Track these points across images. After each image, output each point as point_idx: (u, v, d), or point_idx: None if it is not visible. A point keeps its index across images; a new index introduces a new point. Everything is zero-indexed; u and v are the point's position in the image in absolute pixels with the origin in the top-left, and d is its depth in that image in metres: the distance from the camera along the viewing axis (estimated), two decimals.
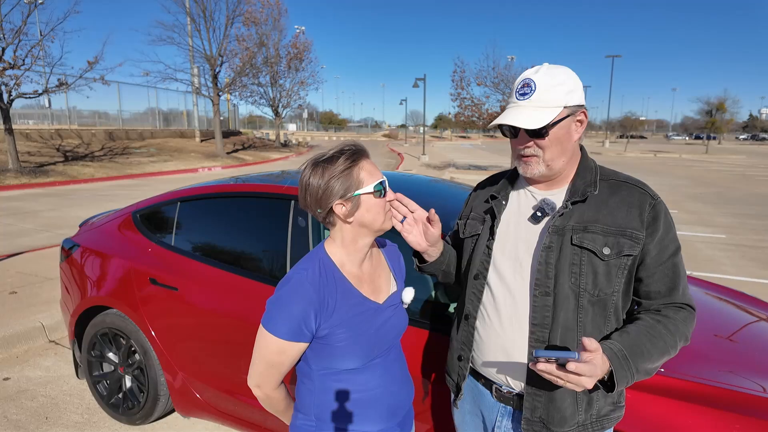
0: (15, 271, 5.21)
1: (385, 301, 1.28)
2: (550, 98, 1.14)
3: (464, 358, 1.36)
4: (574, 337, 1.17)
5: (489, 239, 1.31)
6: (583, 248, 1.16)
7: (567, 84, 1.15)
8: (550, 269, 1.18)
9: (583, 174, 1.24)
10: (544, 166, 1.19)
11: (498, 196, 1.34)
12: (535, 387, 1.21)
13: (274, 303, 1.15)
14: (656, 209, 1.17)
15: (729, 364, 1.70)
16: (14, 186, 12.69)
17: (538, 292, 1.19)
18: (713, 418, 1.37)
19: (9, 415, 2.84)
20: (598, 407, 1.22)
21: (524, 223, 1.26)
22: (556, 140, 1.17)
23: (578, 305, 1.17)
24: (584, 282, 1.16)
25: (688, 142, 68.82)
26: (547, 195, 1.26)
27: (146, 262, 2.56)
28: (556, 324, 1.17)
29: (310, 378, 1.24)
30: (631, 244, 1.15)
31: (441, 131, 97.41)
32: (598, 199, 1.20)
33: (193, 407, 2.52)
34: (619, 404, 1.27)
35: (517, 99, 1.18)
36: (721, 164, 25.76)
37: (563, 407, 1.19)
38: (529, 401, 1.22)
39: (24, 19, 13.14)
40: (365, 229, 1.20)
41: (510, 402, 1.28)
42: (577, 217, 1.19)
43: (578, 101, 1.17)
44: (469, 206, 1.47)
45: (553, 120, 1.13)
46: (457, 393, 1.41)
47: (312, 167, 1.16)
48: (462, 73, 17.62)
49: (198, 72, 23.62)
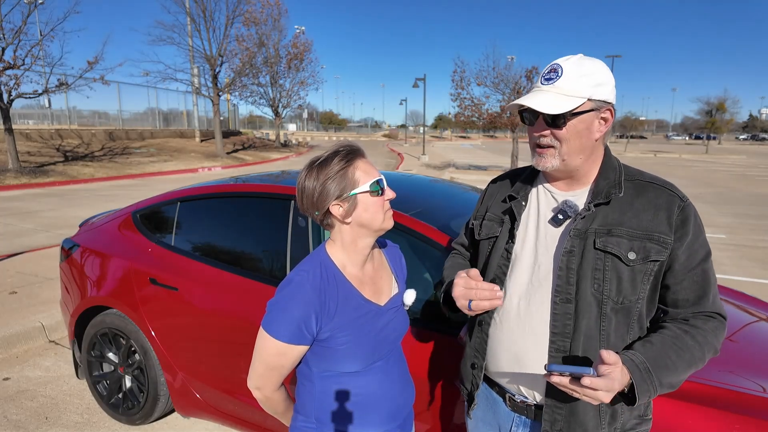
0: (15, 271, 5.21)
1: (386, 304, 1.27)
2: (574, 87, 1.08)
3: (477, 366, 1.30)
4: (597, 346, 1.10)
5: (508, 242, 1.24)
6: (607, 253, 1.09)
7: (595, 76, 1.09)
8: (571, 275, 1.11)
9: (607, 174, 1.17)
10: (559, 159, 1.13)
11: (517, 196, 1.27)
12: (555, 399, 1.14)
13: (274, 305, 1.15)
14: (685, 212, 1.10)
15: (729, 364, 1.70)
16: (14, 186, 12.69)
17: (558, 299, 1.13)
18: (713, 418, 1.37)
19: (9, 415, 2.84)
20: (623, 421, 1.15)
21: (544, 226, 1.20)
22: (575, 133, 1.10)
23: (601, 313, 1.10)
24: (608, 288, 1.09)
25: (688, 142, 68.85)
26: (569, 196, 1.19)
27: (146, 262, 2.56)
28: (578, 333, 1.11)
29: (310, 380, 1.24)
30: (658, 249, 1.08)
31: (441, 131, 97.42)
32: (623, 201, 1.13)
33: (192, 407, 2.52)
34: (646, 417, 1.19)
35: (542, 84, 1.12)
36: (721, 164, 25.75)
37: (585, 421, 1.12)
38: (548, 413, 1.15)
39: (24, 19, 13.16)
40: (365, 230, 1.19)
41: (524, 412, 1.22)
42: (600, 219, 1.12)
43: (606, 97, 1.10)
44: (484, 206, 1.40)
45: (574, 110, 1.07)
46: (471, 402, 1.34)
47: (307, 170, 1.16)
48: (462, 73, 17.60)
49: (198, 72, 23.62)
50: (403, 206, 2.02)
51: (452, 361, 1.73)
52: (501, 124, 18.01)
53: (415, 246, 1.94)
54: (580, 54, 1.14)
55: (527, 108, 1.13)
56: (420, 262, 1.95)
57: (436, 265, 1.94)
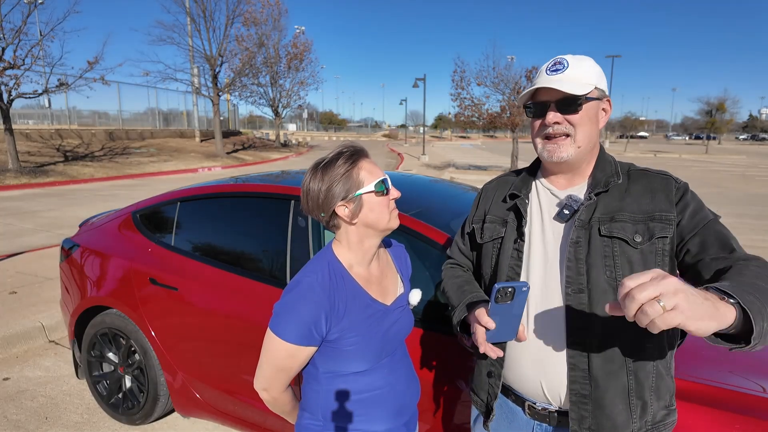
0: (15, 271, 5.21)
1: (392, 303, 1.28)
2: (582, 75, 1.11)
3: (495, 374, 1.24)
4: (619, 334, 1.08)
5: (517, 241, 1.22)
6: (613, 238, 1.09)
7: (596, 69, 1.15)
8: (581, 265, 1.10)
9: (603, 166, 1.19)
10: (574, 147, 1.13)
11: (519, 194, 1.26)
12: (580, 393, 1.10)
13: (283, 307, 1.14)
14: (682, 189, 1.12)
15: (729, 364, 1.70)
16: (14, 186, 12.69)
17: (570, 290, 1.11)
18: (713, 418, 1.37)
19: (9, 415, 2.84)
20: (653, 412, 1.11)
21: (549, 222, 1.20)
22: (588, 119, 1.12)
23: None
24: (620, 274, 1.08)
25: (688, 142, 68.81)
26: (568, 192, 1.20)
27: (146, 262, 2.56)
28: (596, 323, 1.09)
29: (316, 379, 1.23)
30: (662, 226, 1.08)
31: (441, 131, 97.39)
32: (621, 188, 1.15)
33: (192, 407, 2.52)
34: (671, 407, 1.17)
35: (548, 74, 1.13)
36: (720, 164, 25.75)
37: (614, 414, 1.09)
38: (575, 411, 1.10)
39: (24, 18, 13.15)
40: (371, 230, 1.19)
41: (546, 419, 1.17)
42: (602, 208, 1.13)
43: (605, 88, 1.16)
44: (481, 209, 1.37)
45: (587, 93, 1.10)
46: (488, 414, 1.27)
47: (312, 172, 1.17)
48: (462, 73, 17.57)
49: (198, 72, 23.62)
50: (403, 206, 2.02)
51: (452, 361, 1.74)
52: (501, 124, 17.98)
53: (416, 246, 1.94)
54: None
55: (536, 101, 1.15)
56: (420, 262, 1.95)
57: (436, 264, 1.94)
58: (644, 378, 1.10)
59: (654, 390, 1.11)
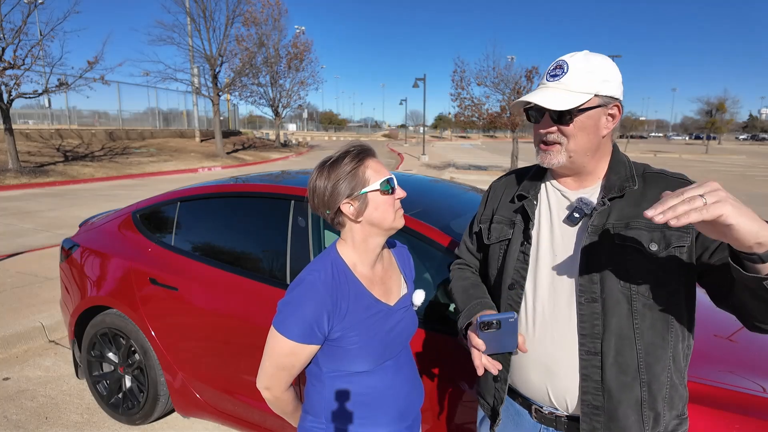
0: (15, 271, 5.21)
1: (396, 303, 1.28)
2: (581, 83, 1.06)
3: (501, 378, 1.22)
4: (631, 345, 1.06)
5: (523, 243, 1.19)
6: (627, 246, 1.05)
7: (602, 72, 1.07)
8: (594, 273, 1.07)
9: (617, 169, 1.14)
10: (565, 156, 1.10)
11: (527, 195, 1.22)
12: (593, 405, 1.07)
13: (286, 304, 1.15)
14: None
15: (729, 364, 1.70)
16: (14, 186, 12.69)
17: (583, 298, 1.08)
18: (713, 418, 1.37)
19: (9, 415, 2.84)
20: (665, 423, 1.09)
21: (559, 225, 1.16)
22: (582, 130, 1.08)
23: (632, 310, 1.05)
24: (635, 284, 1.05)
25: (688, 142, 68.85)
26: (579, 193, 1.15)
27: (146, 262, 2.56)
28: (609, 333, 1.06)
29: (320, 380, 1.23)
30: (679, 235, 1.03)
31: (441, 131, 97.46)
32: (636, 193, 1.10)
33: (192, 407, 2.52)
34: (683, 416, 1.14)
35: (547, 80, 1.10)
36: (721, 164, 25.75)
37: (627, 426, 1.06)
38: (586, 422, 1.08)
39: (24, 18, 13.12)
40: (375, 228, 1.19)
41: (553, 424, 1.15)
42: (616, 213, 1.08)
43: (613, 93, 1.08)
44: (490, 208, 1.34)
45: (581, 106, 1.06)
46: (494, 418, 1.26)
47: (318, 170, 1.17)
48: (462, 73, 17.57)
49: (198, 72, 23.62)
50: (403, 206, 2.02)
51: (453, 362, 1.73)
52: (501, 124, 17.99)
53: (416, 246, 1.94)
54: (585, 50, 1.11)
55: (533, 105, 1.11)
56: (420, 263, 1.95)
57: (436, 265, 1.94)
58: (658, 390, 1.08)
59: (667, 401, 1.09)
